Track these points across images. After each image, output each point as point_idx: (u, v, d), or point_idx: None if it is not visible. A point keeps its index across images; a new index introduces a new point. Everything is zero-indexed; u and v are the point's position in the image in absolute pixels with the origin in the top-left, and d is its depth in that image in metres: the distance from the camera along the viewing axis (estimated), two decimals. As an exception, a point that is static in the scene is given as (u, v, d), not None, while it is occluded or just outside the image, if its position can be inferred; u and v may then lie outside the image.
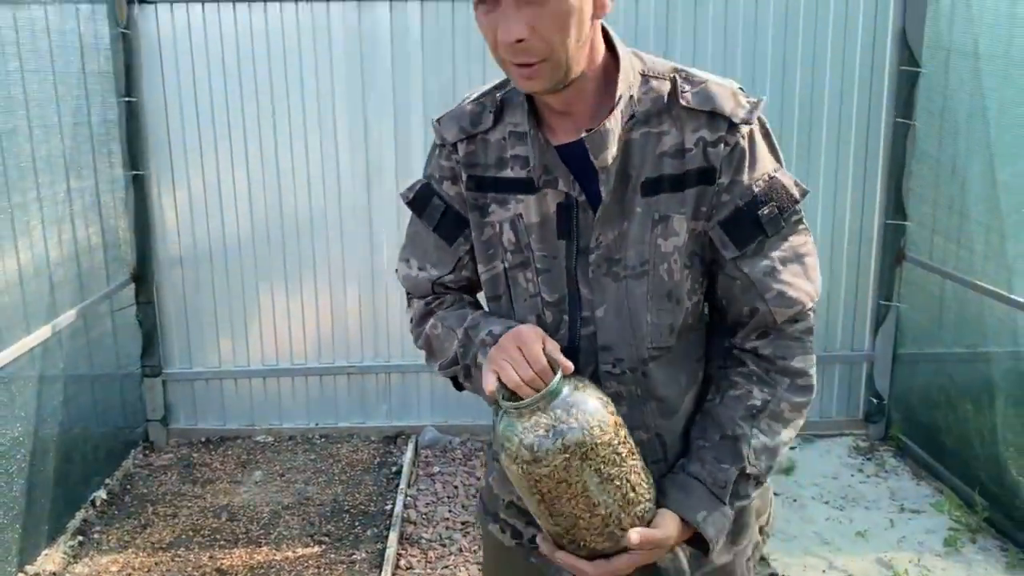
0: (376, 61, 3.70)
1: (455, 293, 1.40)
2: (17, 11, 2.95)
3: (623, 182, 1.21)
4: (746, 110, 1.19)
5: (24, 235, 2.96)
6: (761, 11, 3.68)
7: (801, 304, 1.24)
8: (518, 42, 1.10)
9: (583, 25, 1.12)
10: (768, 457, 1.24)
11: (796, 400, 1.27)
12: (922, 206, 3.70)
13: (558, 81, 1.14)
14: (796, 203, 1.22)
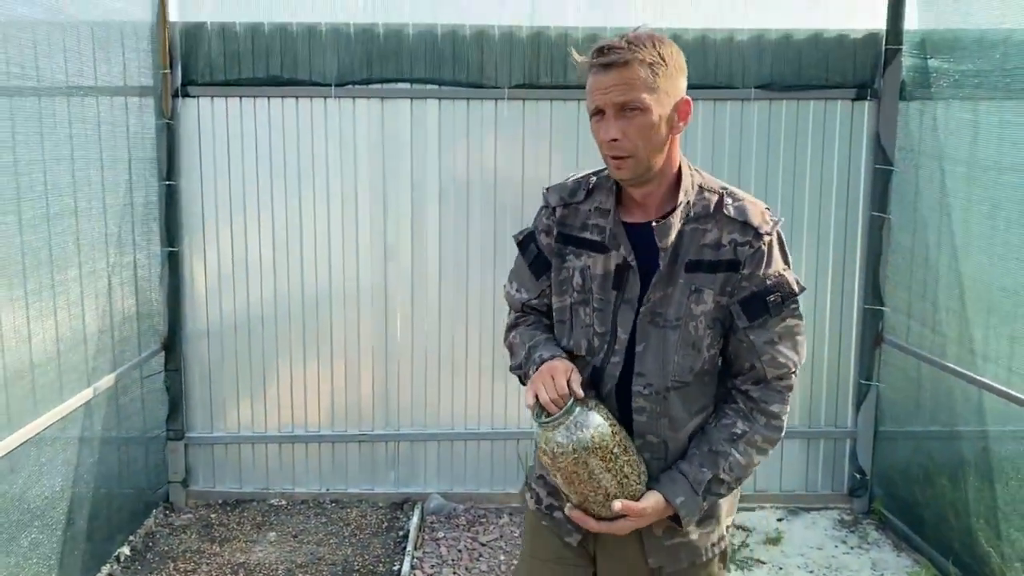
0: (396, 151, 4.04)
1: (537, 314, 1.93)
2: (72, 102, 3.28)
3: (674, 260, 1.70)
4: (769, 225, 1.69)
5: (65, 308, 3.23)
6: (746, 116, 4.03)
7: (787, 368, 1.71)
8: (613, 141, 1.62)
9: (660, 136, 1.63)
10: (739, 471, 1.71)
11: (767, 435, 1.72)
12: (898, 292, 3.99)
13: (639, 174, 1.66)
14: (795, 296, 1.70)
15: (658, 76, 1.61)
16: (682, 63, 1.69)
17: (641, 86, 1.59)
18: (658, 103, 1.61)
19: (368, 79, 3.95)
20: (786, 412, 1.74)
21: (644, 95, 1.60)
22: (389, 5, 3.93)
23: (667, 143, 1.66)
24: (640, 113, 1.60)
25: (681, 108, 1.67)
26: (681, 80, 1.68)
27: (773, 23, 3.99)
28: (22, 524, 2.93)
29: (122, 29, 3.61)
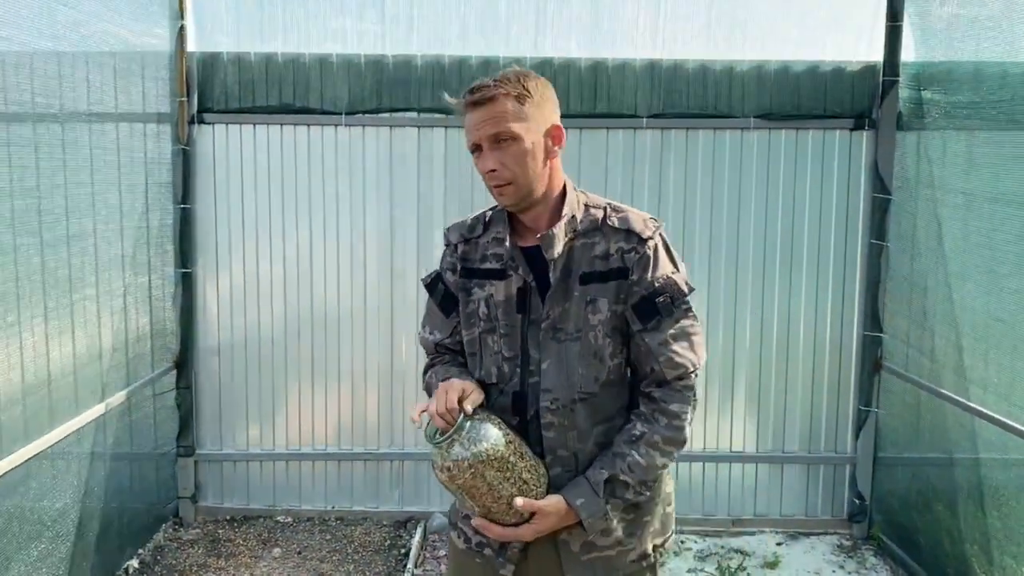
0: (404, 177, 4.16)
1: (451, 354, 1.99)
2: (92, 129, 3.43)
3: (567, 275, 1.79)
4: (651, 230, 1.79)
5: (82, 326, 3.36)
6: (746, 145, 4.12)
7: (684, 368, 1.77)
8: (492, 172, 1.73)
9: (536, 161, 1.75)
10: (640, 472, 1.74)
11: (668, 435, 1.76)
12: (896, 319, 4.04)
13: (522, 198, 1.77)
14: (684, 296, 1.79)
15: (525, 107, 1.72)
16: (550, 94, 1.79)
17: (510, 117, 1.71)
18: (528, 131, 1.72)
19: (377, 108, 4.08)
20: (687, 412, 1.77)
21: (513, 125, 1.70)
22: (398, 37, 4.07)
23: (545, 167, 1.77)
24: (513, 142, 1.71)
25: (553, 134, 1.78)
26: (549, 109, 1.78)
27: (772, 55, 4.09)
28: (33, 534, 3.04)
29: (142, 59, 3.77)
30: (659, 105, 4.09)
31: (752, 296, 4.19)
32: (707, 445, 4.27)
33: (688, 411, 1.78)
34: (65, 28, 3.14)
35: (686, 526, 4.24)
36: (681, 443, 1.78)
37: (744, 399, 4.25)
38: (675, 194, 4.15)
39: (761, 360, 4.23)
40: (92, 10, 3.31)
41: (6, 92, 2.84)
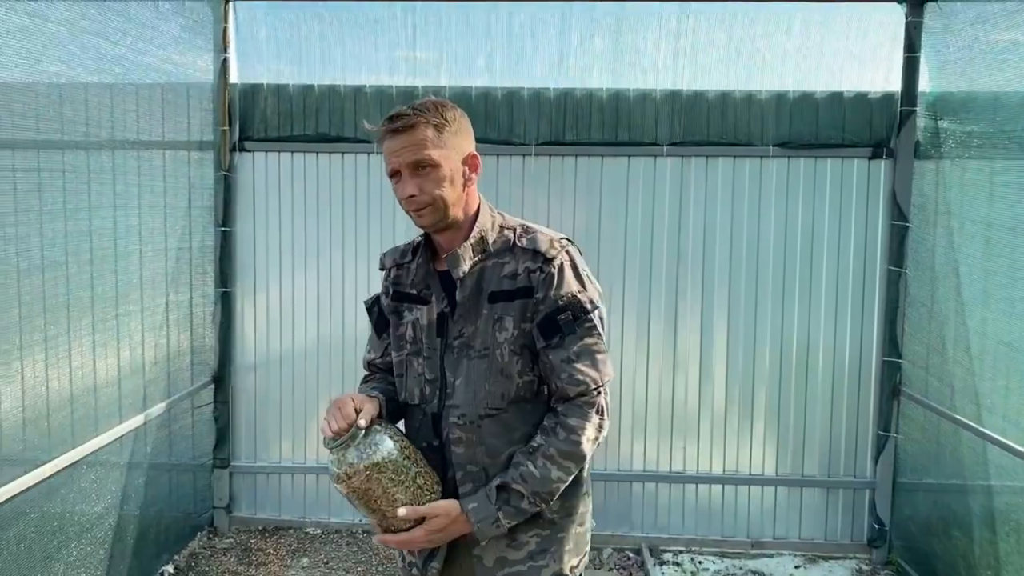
0: (432, 203, 4.32)
1: (382, 372, 2.09)
2: (140, 156, 3.66)
3: (477, 294, 1.86)
4: (556, 249, 1.84)
5: (126, 339, 3.57)
6: (765, 173, 4.22)
7: (585, 384, 1.80)
8: (411, 197, 1.80)
9: (455, 188, 1.82)
10: (534, 483, 1.78)
11: (564, 448, 1.79)
12: (914, 345, 4.08)
13: (439, 219, 1.84)
14: (587, 313, 1.82)
15: (443, 135, 1.79)
16: (467, 124, 1.87)
17: (429, 145, 1.77)
18: (446, 158, 1.79)
19: (407, 136, 4.27)
20: (586, 428, 1.79)
21: (432, 152, 1.77)
22: (428, 69, 4.27)
23: (462, 193, 1.85)
24: (432, 169, 1.78)
25: (470, 162, 1.86)
26: (466, 138, 1.86)
27: (791, 85, 4.20)
28: (74, 535, 3.23)
29: (188, 90, 4.01)
30: (679, 133, 4.21)
31: (771, 321, 4.26)
32: (726, 467, 4.33)
33: (587, 427, 1.79)
34: (114, 63, 3.38)
35: (704, 547, 4.29)
36: (578, 458, 1.79)
37: (763, 422, 4.31)
38: (695, 220, 4.25)
39: (780, 384, 4.29)
40: (141, 46, 3.55)
41: (63, 123, 3.08)
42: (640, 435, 4.34)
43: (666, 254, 4.27)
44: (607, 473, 4.35)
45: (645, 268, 4.28)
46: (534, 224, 1.93)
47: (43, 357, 3.02)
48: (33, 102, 2.93)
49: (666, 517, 4.36)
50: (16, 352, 2.88)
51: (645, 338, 4.31)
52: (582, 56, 4.23)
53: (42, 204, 2.99)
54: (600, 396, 1.82)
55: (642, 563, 4.13)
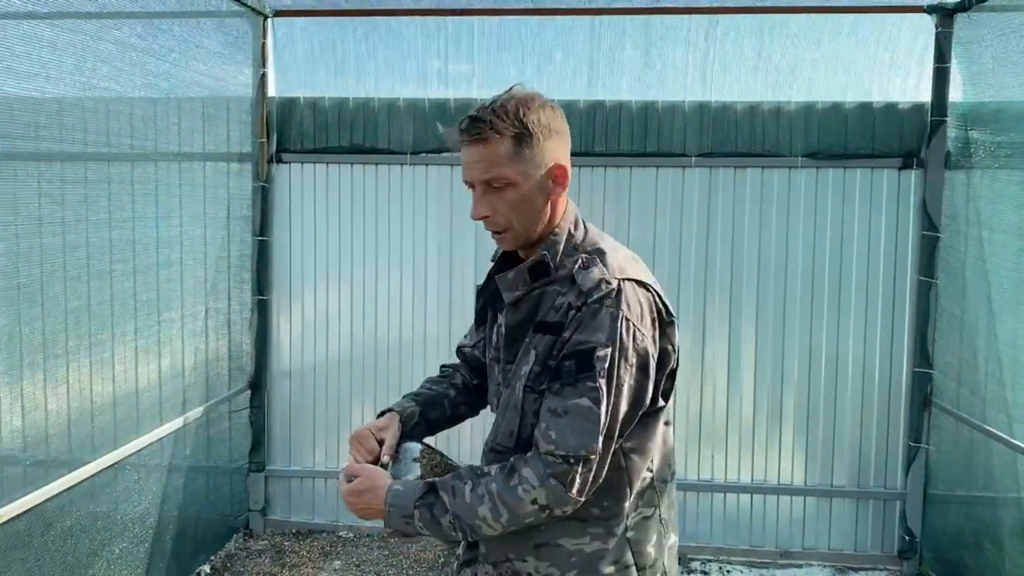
0: (462, 214, 4.41)
1: (467, 366, 1.98)
2: (181, 167, 3.79)
3: (528, 321, 1.65)
4: (600, 293, 1.54)
5: (167, 344, 3.69)
6: (794, 184, 4.24)
7: (554, 446, 1.52)
8: (484, 218, 1.62)
9: (534, 206, 1.60)
10: (461, 508, 1.56)
11: (503, 493, 1.54)
12: (945, 356, 4.06)
13: (519, 244, 1.66)
14: (593, 371, 1.51)
15: (524, 147, 1.56)
16: (556, 126, 1.61)
17: (505, 161, 1.56)
18: (525, 175, 1.57)
19: (440, 148, 4.36)
20: (536, 489, 1.52)
21: (508, 170, 1.56)
22: (460, 81, 4.36)
23: (544, 210, 1.62)
24: (508, 188, 1.57)
25: (555, 174, 1.61)
26: (553, 145, 1.60)
27: (821, 96, 4.22)
28: (115, 534, 3.34)
29: (228, 104, 4.14)
30: (708, 144, 4.25)
31: (800, 331, 4.27)
32: (755, 477, 4.34)
33: (539, 489, 1.52)
34: (159, 78, 3.51)
35: (733, 556, 4.31)
36: (514, 514, 1.54)
37: (792, 432, 4.32)
38: (723, 231, 4.28)
39: (809, 394, 4.29)
40: (184, 62, 3.68)
41: (109, 136, 3.21)
42: (668, 444, 4.36)
43: (694, 264, 4.31)
44: (635, 481, 4.37)
45: (673, 278, 4.31)
46: (613, 250, 1.64)
47: (88, 361, 3.14)
48: (81, 116, 3.06)
49: (694, 526, 4.37)
50: (63, 357, 3.00)
51: (674, 347, 4.33)
52: (612, 68, 4.30)
53: (88, 214, 3.12)
54: (573, 468, 1.52)
55: (670, 571, 4.15)
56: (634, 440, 1.62)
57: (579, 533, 1.62)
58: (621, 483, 1.62)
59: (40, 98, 2.82)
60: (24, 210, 2.79)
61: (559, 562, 1.62)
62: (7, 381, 2.76)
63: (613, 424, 1.55)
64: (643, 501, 1.67)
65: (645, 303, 1.59)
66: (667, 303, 1.64)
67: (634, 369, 1.55)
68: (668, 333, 1.64)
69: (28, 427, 2.87)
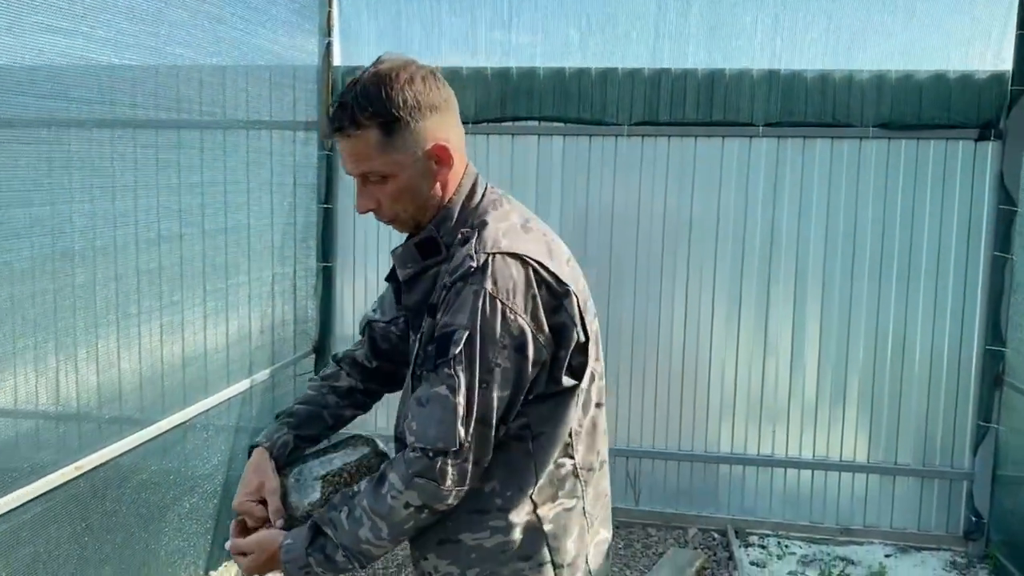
0: (523, 184, 4.39)
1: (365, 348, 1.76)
2: (249, 135, 3.85)
3: (423, 302, 1.51)
4: (463, 270, 1.38)
5: (235, 308, 3.78)
6: (864, 156, 4.12)
7: (415, 438, 1.39)
8: (368, 211, 1.48)
9: (419, 192, 1.46)
10: (343, 535, 1.42)
11: (374, 505, 1.41)
12: (1019, 334, 3.93)
13: (413, 229, 1.52)
14: (451, 358, 1.36)
15: (393, 135, 1.40)
16: (432, 100, 1.42)
17: (374, 154, 1.41)
18: (400, 165, 1.42)
19: (501, 117, 4.35)
20: (404, 493, 1.39)
21: (379, 163, 1.42)
22: (522, 50, 4.34)
23: (432, 193, 1.47)
24: (383, 180, 1.44)
25: (436, 155, 1.44)
26: (430, 124, 1.43)
27: (894, 64, 4.09)
28: (186, 489, 3.46)
29: (294, 72, 4.19)
30: (776, 114, 4.16)
31: (867, 306, 4.17)
32: (816, 453, 4.28)
33: (405, 491, 1.39)
34: (229, 46, 3.57)
35: (792, 531, 4.26)
36: (392, 523, 1.40)
37: (856, 408, 4.24)
38: (790, 203, 4.20)
39: (875, 370, 4.20)
40: (253, 29, 3.73)
41: (179, 103, 3.28)
42: (728, 418, 4.33)
43: (759, 237, 4.24)
44: (693, 454, 4.36)
45: (737, 251, 4.25)
46: (498, 220, 1.46)
47: (159, 323, 3.24)
48: (154, 82, 3.13)
49: (753, 500, 4.34)
50: (135, 317, 3.10)
51: (735, 321, 4.29)
52: (678, 34, 4.22)
53: (159, 179, 3.20)
54: (435, 462, 1.38)
55: (727, 544, 4.14)
56: (542, 424, 1.46)
57: (478, 527, 1.46)
58: (527, 471, 1.46)
59: (115, 64, 2.89)
60: (100, 174, 2.87)
61: (459, 559, 1.48)
62: (85, 339, 2.87)
63: (486, 411, 1.38)
64: (564, 491, 1.50)
65: (520, 277, 1.39)
66: (557, 274, 1.43)
67: (508, 351, 1.38)
68: (564, 305, 1.44)
69: (103, 385, 2.98)
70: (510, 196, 1.58)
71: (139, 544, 3.15)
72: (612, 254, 4.36)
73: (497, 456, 1.44)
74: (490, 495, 1.46)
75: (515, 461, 1.46)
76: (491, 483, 1.46)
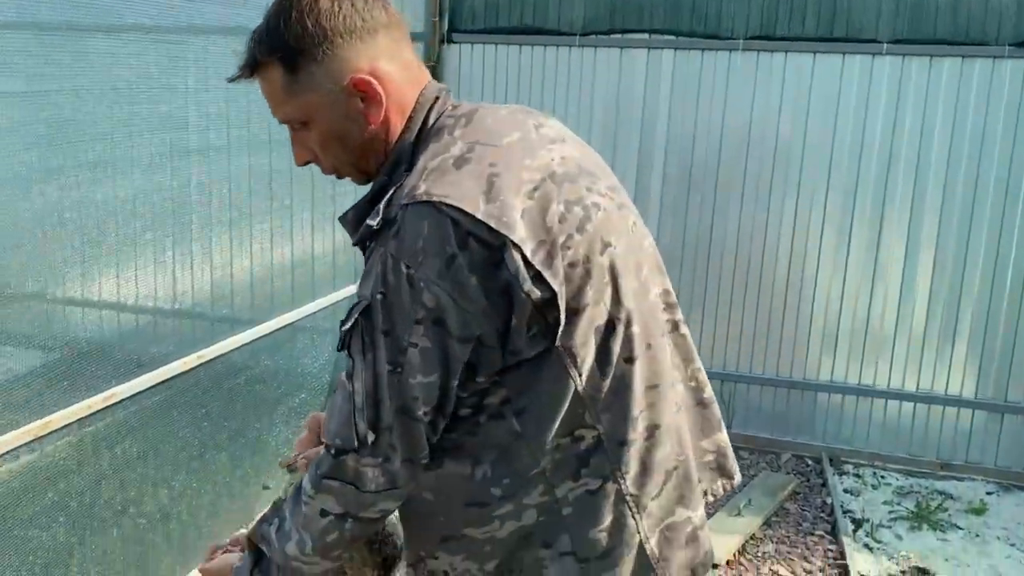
0: (630, 100, 4.30)
1: None
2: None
3: None
4: (372, 230, 1.11)
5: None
6: (997, 77, 3.86)
7: (323, 433, 1.21)
8: (305, 163, 1.26)
9: (349, 139, 1.20)
10: (276, 553, 1.25)
11: (296, 515, 1.23)
12: None
13: (360, 181, 1.28)
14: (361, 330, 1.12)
15: (298, 73, 1.17)
16: (343, 24, 1.16)
17: (282, 96, 1.19)
18: (313, 106, 1.19)
19: (610, 29, 4.24)
20: (313, 495, 1.19)
21: (290, 108, 1.20)
22: (635, -41, 4.20)
23: (367, 135, 1.20)
24: (304, 127, 1.21)
25: (358, 89, 1.18)
26: (344, 52, 1.17)
27: (1039, -23, 3.79)
28: (295, 386, 3.62)
29: (402, -19, 4.18)
30: (902, 30, 3.93)
31: (987, 239, 3.97)
32: (920, 385, 4.16)
33: (318, 497, 1.19)
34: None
35: (889, 463, 4.19)
36: (314, 534, 1.21)
37: (967, 341, 4.08)
38: (911, 126, 3.99)
39: (991, 304, 4.02)
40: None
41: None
42: (830, 346, 4.24)
43: (875, 161, 4.05)
44: (792, 380, 4.30)
45: (852, 175, 4.09)
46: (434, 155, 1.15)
47: (269, 227, 3.35)
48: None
49: (850, 430, 4.27)
50: (247, 219, 3.21)
51: (844, 248, 4.15)
52: (801, -56, 4.00)
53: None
54: (339, 462, 1.17)
55: (821, 471, 4.10)
56: (522, 397, 1.17)
57: (484, 520, 1.21)
58: (519, 453, 1.18)
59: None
60: (215, 75, 2.94)
61: (474, 553, 1.24)
62: (200, 237, 3.00)
63: (404, 400, 1.12)
64: (588, 469, 1.19)
65: (433, 231, 1.07)
66: (490, 219, 1.07)
67: (424, 326, 1.09)
68: (505, 260, 1.08)
69: (217, 283, 3.13)
70: (484, 107, 1.24)
71: (252, 433, 3.33)
72: (719, 175, 4.25)
73: (482, 439, 1.19)
74: (483, 485, 1.19)
75: (503, 443, 1.18)
76: (481, 469, 1.19)
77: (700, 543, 1.29)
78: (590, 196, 1.19)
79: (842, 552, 3.38)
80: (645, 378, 1.21)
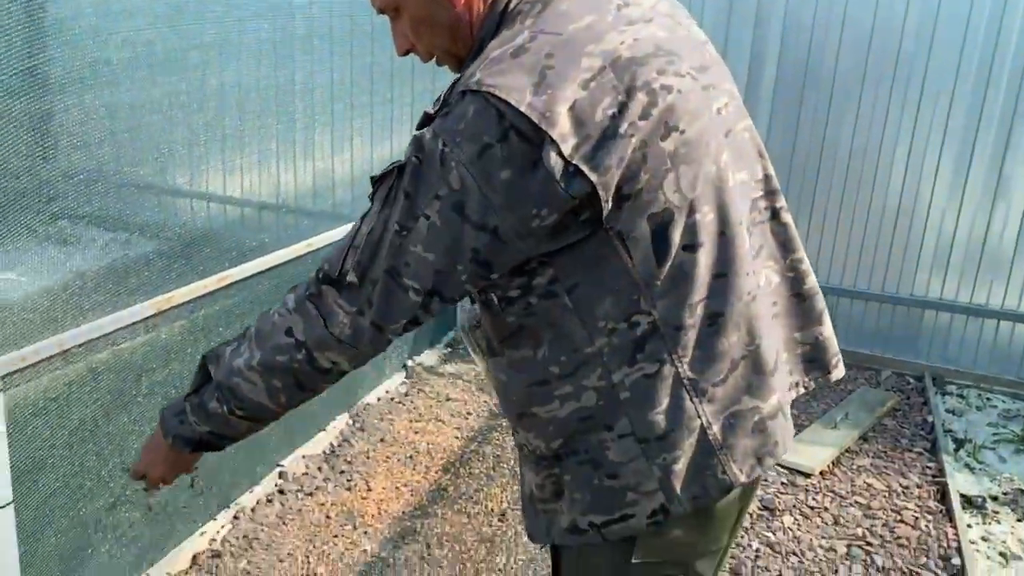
0: None
1: None
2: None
3: None
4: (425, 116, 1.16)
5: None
6: None
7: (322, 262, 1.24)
8: (406, 52, 1.30)
9: (437, 24, 1.23)
10: (223, 370, 1.28)
11: (257, 326, 1.28)
12: None
13: (455, 66, 1.29)
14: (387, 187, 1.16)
15: None
16: None
17: None
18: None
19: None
20: (292, 309, 1.23)
21: None
22: None
23: (455, 20, 1.23)
24: (397, 14, 1.26)
25: None
26: None
27: None
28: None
29: None
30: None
31: None
32: (1036, 307, 3.96)
33: (292, 315, 1.23)
34: None
35: (996, 385, 4.04)
36: (262, 346, 1.25)
37: (1094, 264, 3.85)
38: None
39: (1125, 224, 3.76)
40: None
41: None
42: (941, 263, 4.05)
43: (1009, 65, 3.76)
44: (898, 296, 4.15)
45: (980, 82, 3.80)
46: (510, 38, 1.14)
47: (370, 122, 3.35)
48: None
49: (957, 349, 4.11)
50: (348, 113, 3.23)
51: (965, 165, 3.90)
52: None
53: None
54: (322, 288, 1.21)
55: (923, 390, 3.98)
56: (572, 274, 1.17)
57: (546, 399, 1.25)
58: (574, 328, 1.19)
59: None
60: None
61: (541, 431, 1.28)
62: (303, 130, 3.01)
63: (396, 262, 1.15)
64: (644, 354, 1.19)
65: (476, 118, 1.07)
66: (535, 114, 1.05)
67: (442, 204, 1.11)
68: (543, 158, 1.06)
69: (319, 176, 3.16)
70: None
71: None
72: (837, 75, 4.02)
73: (539, 319, 1.21)
74: (543, 363, 1.23)
75: (558, 321, 1.20)
76: (541, 350, 1.22)
77: (768, 433, 1.26)
78: (661, 78, 1.13)
79: (941, 470, 3.30)
80: (710, 266, 1.19)
